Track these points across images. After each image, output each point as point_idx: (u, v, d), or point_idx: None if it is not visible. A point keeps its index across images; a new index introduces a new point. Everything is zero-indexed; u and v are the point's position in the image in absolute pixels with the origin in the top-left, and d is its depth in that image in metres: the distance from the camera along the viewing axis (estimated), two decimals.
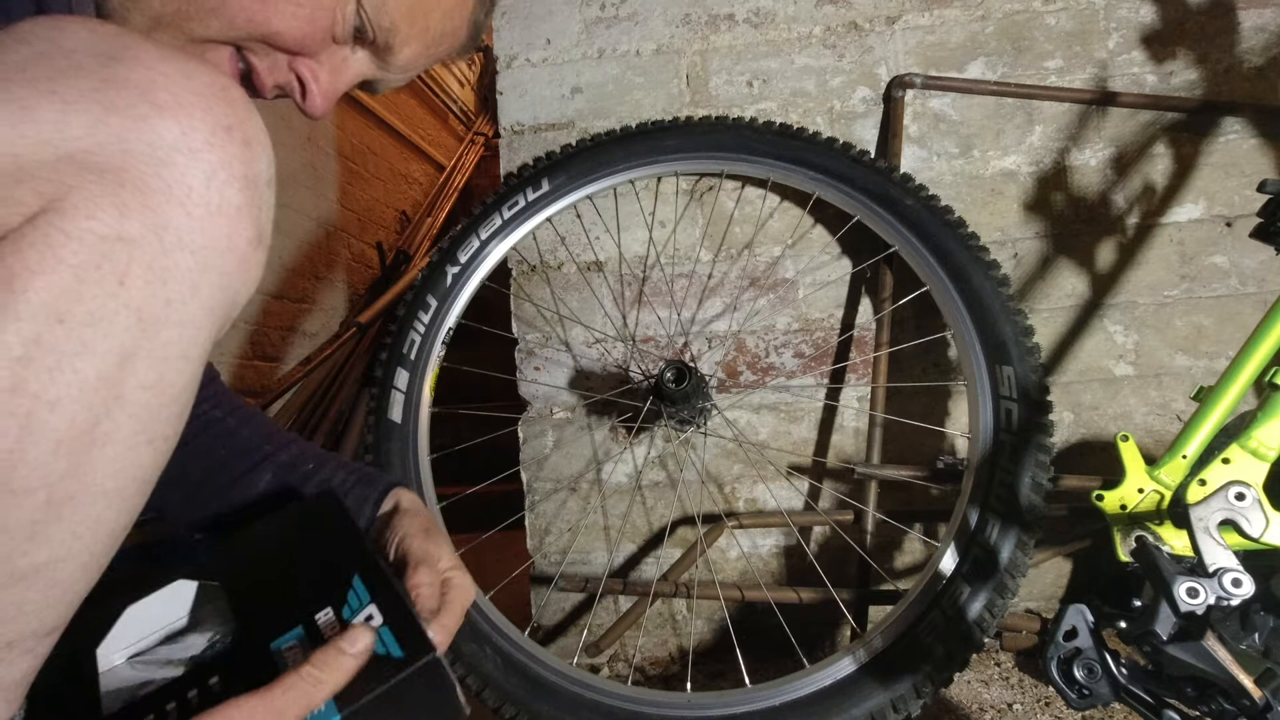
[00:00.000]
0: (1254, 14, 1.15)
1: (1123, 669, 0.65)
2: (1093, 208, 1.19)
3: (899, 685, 0.81)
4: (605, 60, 1.30)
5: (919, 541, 1.19)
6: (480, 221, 1.15)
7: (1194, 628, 0.62)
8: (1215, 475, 0.76)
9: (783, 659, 1.12)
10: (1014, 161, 1.20)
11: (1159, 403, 1.16)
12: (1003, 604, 0.83)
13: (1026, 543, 0.85)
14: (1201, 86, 1.17)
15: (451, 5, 0.59)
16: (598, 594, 1.10)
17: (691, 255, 1.26)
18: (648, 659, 1.26)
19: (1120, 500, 0.82)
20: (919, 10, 1.22)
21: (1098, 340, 1.18)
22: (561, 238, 1.28)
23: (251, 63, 0.52)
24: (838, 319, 1.23)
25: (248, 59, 0.52)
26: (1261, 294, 1.14)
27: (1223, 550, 0.69)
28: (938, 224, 1.01)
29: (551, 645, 1.27)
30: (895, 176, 1.06)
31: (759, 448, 1.23)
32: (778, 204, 1.24)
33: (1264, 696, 0.57)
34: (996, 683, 1.06)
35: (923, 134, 1.22)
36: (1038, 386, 0.90)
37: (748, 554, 1.24)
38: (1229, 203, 1.16)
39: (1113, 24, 1.18)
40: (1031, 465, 0.86)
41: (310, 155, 2.81)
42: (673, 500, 1.25)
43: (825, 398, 1.23)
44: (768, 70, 1.26)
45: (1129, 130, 1.18)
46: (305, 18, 0.50)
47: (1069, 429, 1.18)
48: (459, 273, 1.12)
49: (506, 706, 0.87)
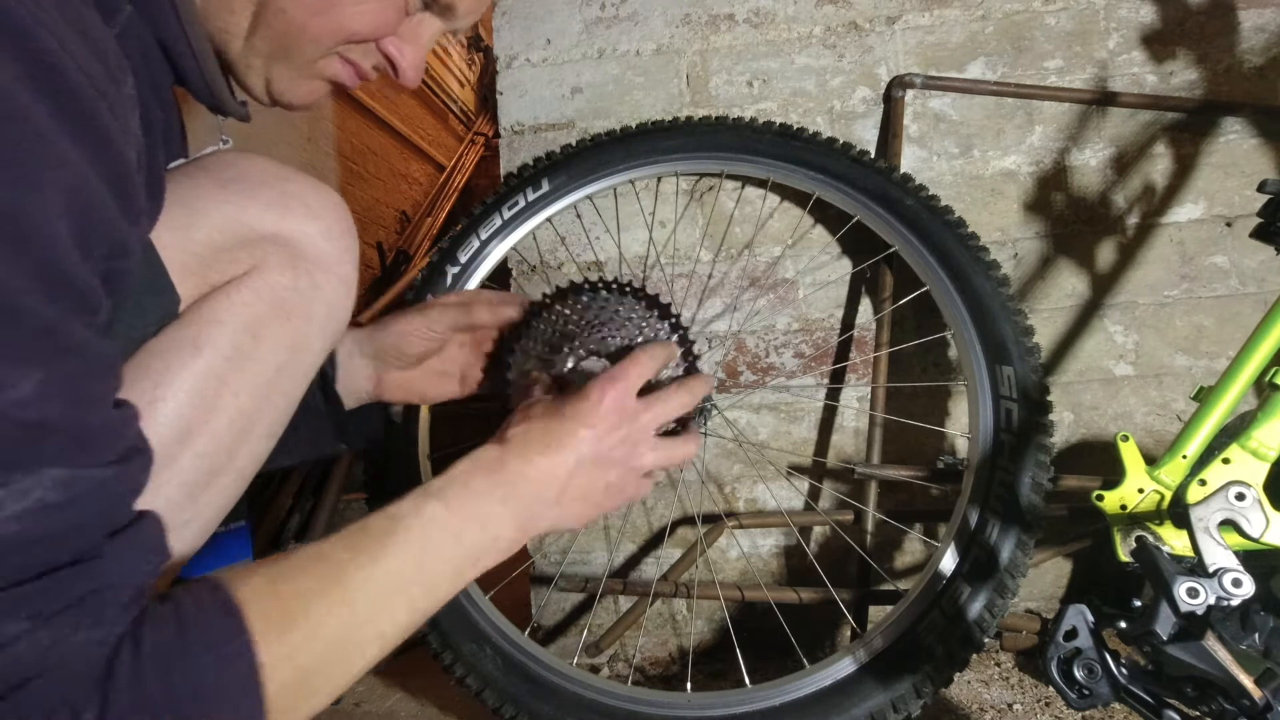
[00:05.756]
0: (1254, 14, 1.15)
1: (1123, 669, 0.65)
2: (1093, 208, 1.19)
3: (899, 685, 0.81)
4: (605, 60, 1.30)
5: (919, 541, 1.19)
6: (480, 221, 1.15)
7: (1194, 628, 0.62)
8: (1215, 475, 0.76)
9: (783, 659, 1.12)
10: (1014, 161, 1.20)
11: (1159, 403, 1.16)
12: (1003, 604, 0.83)
13: (1026, 543, 0.85)
14: (1201, 86, 1.17)
15: None
16: (598, 594, 1.10)
17: (691, 255, 1.26)
18: (648, 659, 1.26)
19: (1120, 500, 0.82)
20: (919, 10, 1.22)
21: (1098, 340, 1.18)
22: (561, 238, 1.28)
23: (351, 59, 0.60)
24: (838, 319, 1.23)
25: (347, 56, 0.60)
26: (1261, 294, 1.14)
27: (1223, 550, 0.69)
28: (938, 224, 1.01)
29: (551, 645, 1.27)
30: (895, 176, 1.06)
31: (759, 448, 1.23)
32: (778, 204, 1.24)
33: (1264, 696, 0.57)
34: (996, 683, 1.06)
35: (923, 134, 1.22)
36: (1038, 386, 0.90)
37: (748, 554, 1.24)
38: (1229, 203, 1.16)
39: (1113, 24, 1.18)
40: (1031, 465, 0.86)
41: (310, 155, 2.82)
42: (673, 500, 1.25)
43: (825, 398, 1.23)
44: (768, 70, 1.26)
45: (1129, 130, 1.18)
46: (374, 11, 0.57)
47: (1069, 429, 1.18)
48: (459, 273, 1.12)
49: (506, 706, 0.87)
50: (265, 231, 0.58)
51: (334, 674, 0.44)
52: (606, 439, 0.60)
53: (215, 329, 0.56)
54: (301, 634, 0.42)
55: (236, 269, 0.57)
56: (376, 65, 0.62)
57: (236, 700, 0.38)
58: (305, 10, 0.54)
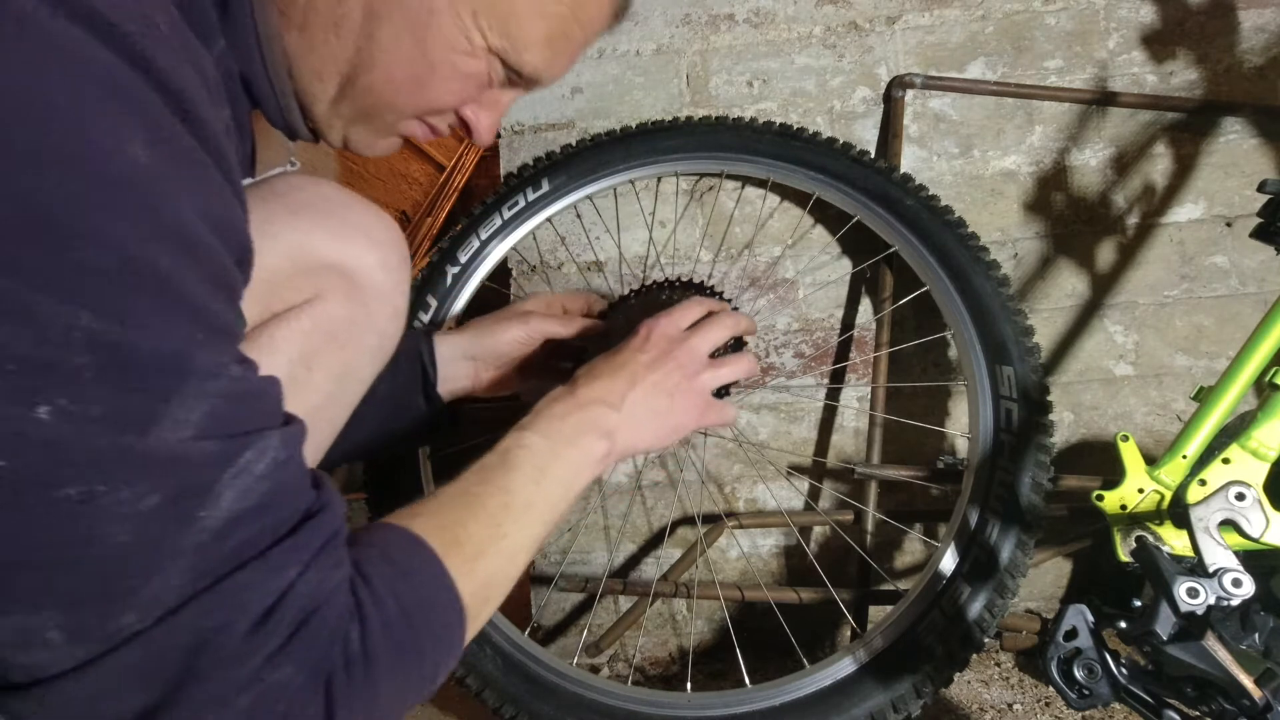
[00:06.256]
0: (1254, 14, 1.15)
1: (1123, 669, 0.65)
2: (1093, 208, 1.19)
3: (899, 685, 0.81)
4: (605, 60, 1.30)
5: (919, 541, 1.19)
6: (480, 221, 1.15)
7: (1194, 628, 0.62)
8: (1215, 475, 0.76)
9: (783, 659, 1.12)
10: (1014, 161, 1.20)
11: (1159, 403, 1.16)
12: (1003, 604, 0.83)
13: (1026, 543, 0.85)
14: (1201, 86, 1.17)
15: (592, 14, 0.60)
16: (598, 594, 1.10)
17: (691, 255, 1.26)
18: (648, 659, 1.26)
19: (1120, 500, 0.82)
20: (919, 10, 1.22)
21: (1098, 340, 1.18)
22: (562, 238, 1.28)
23: (429, 122, 0.63)
24: (838, 319, 1.23)
25: (426, 120, 0.62)
26: (1261, 294, 1.14)
27: (1223, 550, 0.69)
28: (938, 224, 1.01)
29: (551, 645, 1.27)
30: (895, 176, 1.06)
31: (759, 448, 1.23)
32: (778, 204, 1.24)
33: (1264, 696, 0.57)
34: (996, 683, 1.06)
35: (923, 134, 1.22)
36: (1038, 386, 0.90)
37: (748, 554, 1.24)
38: (1229, 203, 1.16)
39: (1113, 24, 1.18)
40: (1031, 465, 0.86)
41: (311, 155, 2.81)
42: (673, 500, 1.25)
43: (825, 398, 1.23)
44: (768, 70, 1.26)
45: (1129, 130, 1.18)
46: (459, 89, 0.59)
47: (1069, 429, 1.18)
48: (459, 273, 1.12)
49: (506, 706, 0.87)
50: (328, 260, 0.59)
51: (501, 581, 0.54)
52: (658, 362, 0.70)
53: (272, 358, 0.57)
54: (471, 552, 0.51)
55: (297, 297, 0.59)
56: (451, 124, 0.64)
57: (445, 609, 0.48)
58: (392, 88, 0.56)
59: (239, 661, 0.36)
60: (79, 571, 0.33)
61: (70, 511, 0.32)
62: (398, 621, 0.43)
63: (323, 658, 0.39)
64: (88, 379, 0.31)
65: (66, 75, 0.31)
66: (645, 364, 0.70)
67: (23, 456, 0.31)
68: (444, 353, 0.83)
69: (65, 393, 0.31)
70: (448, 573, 0.48)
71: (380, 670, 0.42)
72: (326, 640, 0.39)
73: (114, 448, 0.32)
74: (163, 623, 0.35)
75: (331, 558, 0.41)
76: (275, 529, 0.39)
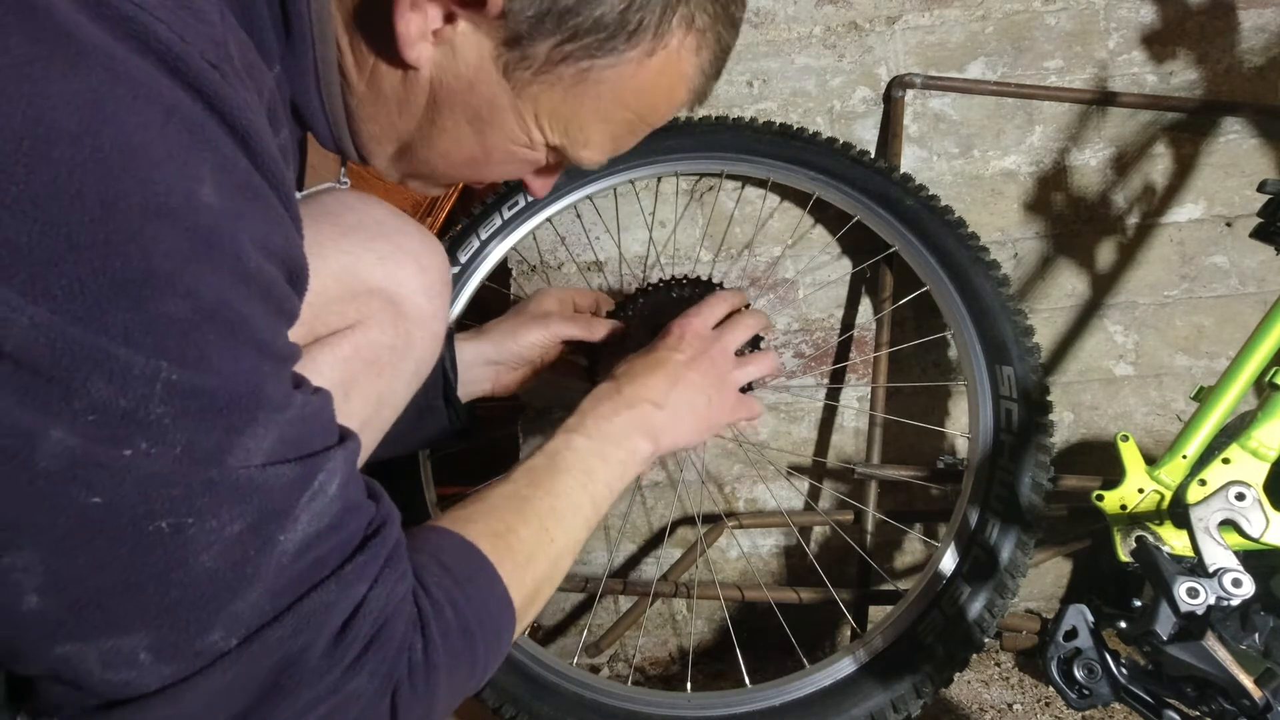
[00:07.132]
0: (1254, 14, 1.15)
1: (1123, 669, 0.65)
2: (1093, 208, 1.19)
3: (899, 685, 0.81)
4: None
5: (919, 541, 1.19)
6: (480, 221, 1.15)
7: (1194, 628, 0.62)
8: (1215, 475, 0.76)
9: (783, 659, 1.12)
10: (1014, 161, 1.20)
11: (1159, 403, 1.16)
12: (1003, 604, 0.83)
13: (1026, 543, 0.85)
14: (1201, 86, 1.16)
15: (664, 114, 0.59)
16: (598, 594, 1.10)
17: (692, 255, 1.26)
18: (648, 659, 1.26)
19: (1120, 500, 0.82)
20: (919, 10, 1.22)
21: (1098, 340, 1.18)
22: (561, 238, 1.28)
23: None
24: (838, 319, 1.23)
25: None
26: (1261, 294, 1.14)
27: (1223, 550, 0.69)
28: (938, 224, 1.01)
29: (551, 645, 1.27)
30: (895, 176, 1.06)
31: (759, 448, 1.23)
32: (778, 204, 1.24)
33: (1264, 696, 0.57)
34: (996, 683, 1.06)
35: (923, 134, 1.22)
36: (1038, 386, 0.90)
37: (748, 554, 1.24)
38: (1229, 203, 1.15)
39: (1113, 24, 1.18)
40: (1031, 465, 0.86)
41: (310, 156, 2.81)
42: (673, 500, 1.25)
43: (825, 398, 1.23)
44: (768, 70, 1.26)
45: (1129, 130, 1.18)
46: (513, 171, 0.61)
47: (1069, 429, 1.18)
48: (459, 273, 1.12)
49: (506, 706, 0.87)
50: (374, 285, 0.59)
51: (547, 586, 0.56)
52: (695, 361, 0.73)
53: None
54: (522, 559, 0.53)
55: (342, 322, 0.59)
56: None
57: (499, 616, 0.49)
58: (448, 164, 0.57)
59: (320, 675, 0.38)
60: (168, 596, 0.34)
61: (162, 541, 0.34)
62: (456, 631, 0.45)
63: (392, 668, 0.41)
64: (167, 424, 0.33)
65: (138, 116, 0.31)
66: (684, 363, 0.72)
67: (113, 494, 0.32)
68: (466, 358, 0.83)
69: (146, 437, 0.32)
70: (501, 580, 0.50)
71: (439, 676, 0.44)
72: (395, 651, 0.41)
73: (199, 482, 0.34)
74: (249, 642, 0.36)
75: (396, 570, 0.43)
76: (345, 546, 0.41)
